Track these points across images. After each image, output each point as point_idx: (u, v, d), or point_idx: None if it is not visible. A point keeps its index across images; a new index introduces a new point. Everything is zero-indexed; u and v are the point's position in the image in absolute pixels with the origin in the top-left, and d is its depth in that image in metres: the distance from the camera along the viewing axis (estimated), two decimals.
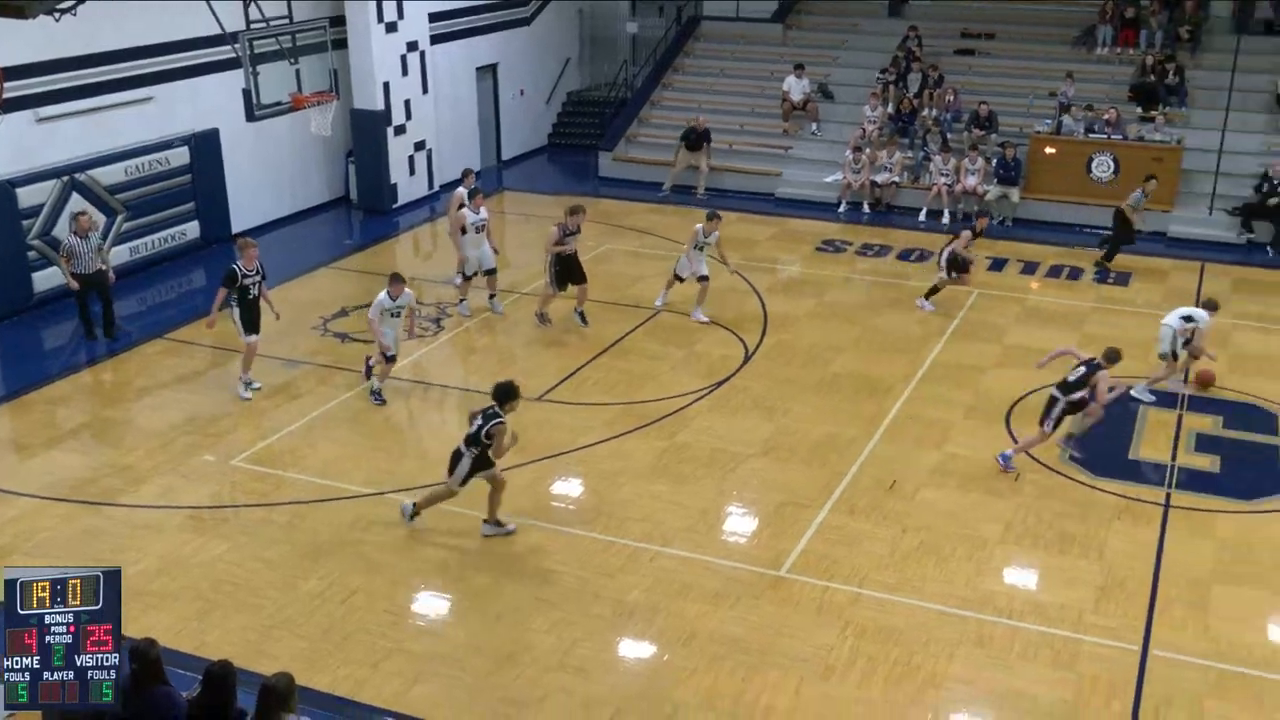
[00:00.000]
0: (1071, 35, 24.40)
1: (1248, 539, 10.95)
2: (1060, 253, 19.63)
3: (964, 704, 8.71)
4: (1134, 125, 21.57)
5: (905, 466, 12.23)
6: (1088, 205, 21.10)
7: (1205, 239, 20.16)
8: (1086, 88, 22.74)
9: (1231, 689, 8.85)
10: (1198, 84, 22.48)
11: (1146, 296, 17.55)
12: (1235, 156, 20.73)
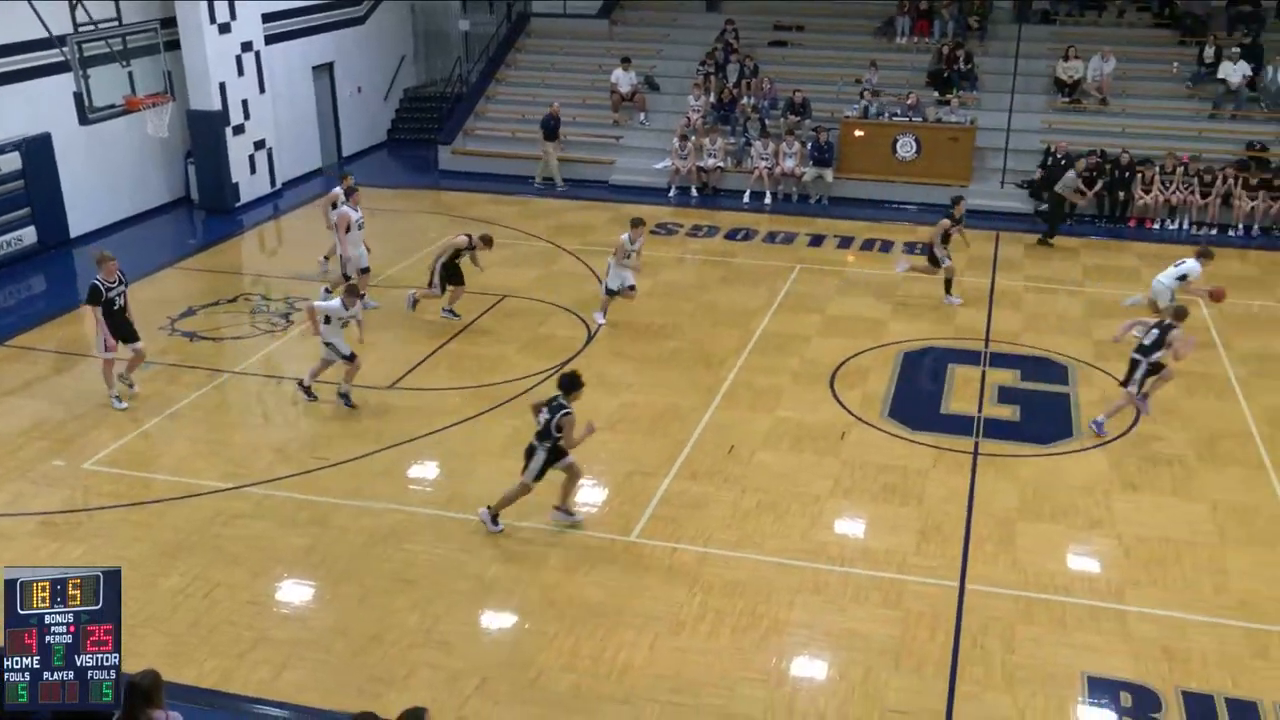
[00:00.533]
0: (873, 26, 25.11)
1: (1046, 479, 11.52)
2: (872, 227, 20.23)
3: (805, 647, 8.94)
4: (932, 108, 22.35)
5: (742, 432, 12.45)
6: (894, 183, 21.86)
7: (999, 210, 21.07)
8: (889, 75, 23.45)
9: (1038, 614, 9.33)
10: (986, 69, 23.43)
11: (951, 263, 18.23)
12: (1021, 134, 21.75)
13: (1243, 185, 20.01)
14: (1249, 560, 10.08)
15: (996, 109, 22.12)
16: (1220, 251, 18.96)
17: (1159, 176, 20.30)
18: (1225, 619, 9.26)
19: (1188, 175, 20.17)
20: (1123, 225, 20.38)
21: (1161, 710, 8.22)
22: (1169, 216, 20.34)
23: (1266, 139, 21.00)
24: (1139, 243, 19.58)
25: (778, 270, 17.62)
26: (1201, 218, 20.15)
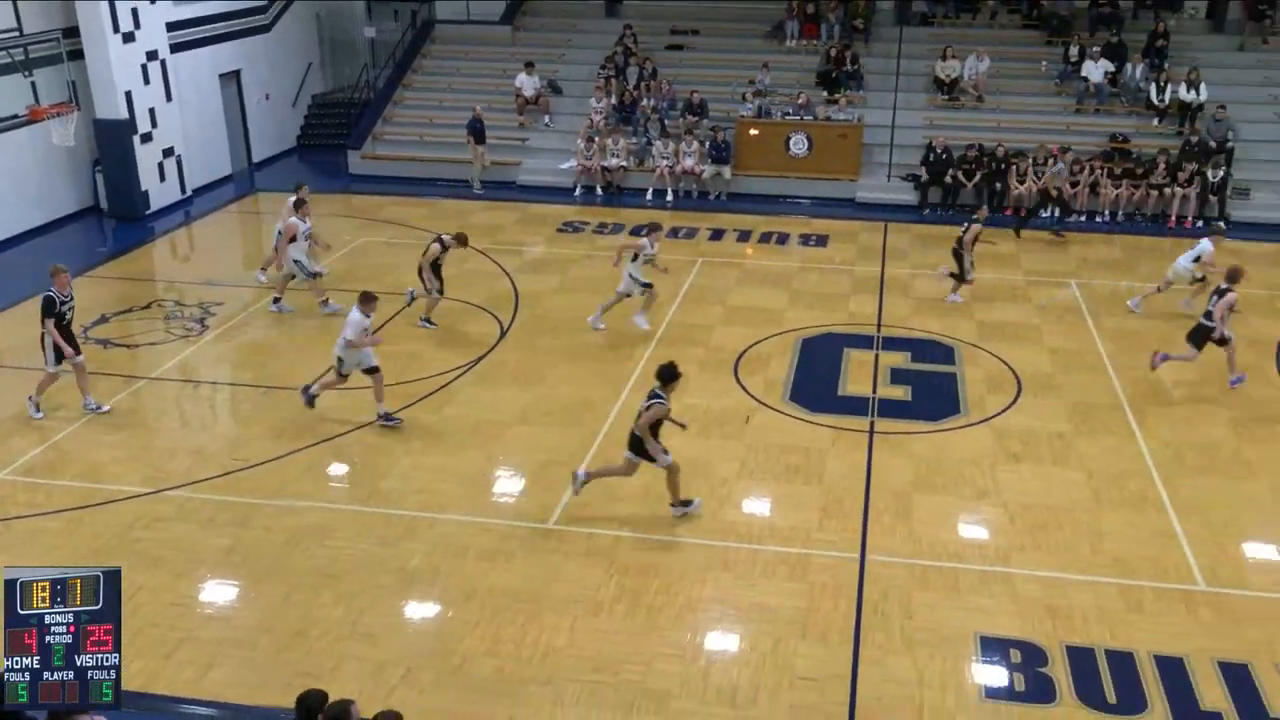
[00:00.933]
0: (764, 30, 25.34)
1: (937, 454, 11.78)
2: (769, 221, 20.46)
3: (717, 621, 9.03)
4: (821, 107, 22.65)
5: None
6: (788, 178, 22.11)
7: (886, 202, 21.47)
8: (781, 75, 23.70)
9: (933, 580, 9.55)
10: (871, 70, 23.81)
11: (842, 255, 18.55)
12: (905, 130, 22.16)
13: (1107, 175, 20.71)
14: (1121, 522, 10.45)
15: (881, 107, 22.52)
16: (1088, 236, 19.71)
17: (1032, 168, 20.88)
18: (1102, 577, 9.59)
19: (1057, 166, 20.77)
20: (1000, 214, 20.91)
21: (1048, 664, 8.49)
22: (1042, 205, 20.93)
23: (1128, 131, 21.74)
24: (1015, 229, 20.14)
25: (681, 264, 17.71)
26: (1071, 206, 20.77)
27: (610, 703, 8.06)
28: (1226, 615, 9.10)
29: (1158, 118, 21.98)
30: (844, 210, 21.25)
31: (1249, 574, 9.72)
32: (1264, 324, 15.37)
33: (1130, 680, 8.32)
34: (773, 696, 8.15)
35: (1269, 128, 21.66)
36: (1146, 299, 15.77)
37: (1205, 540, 10.14)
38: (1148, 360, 13.57)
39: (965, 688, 8.26)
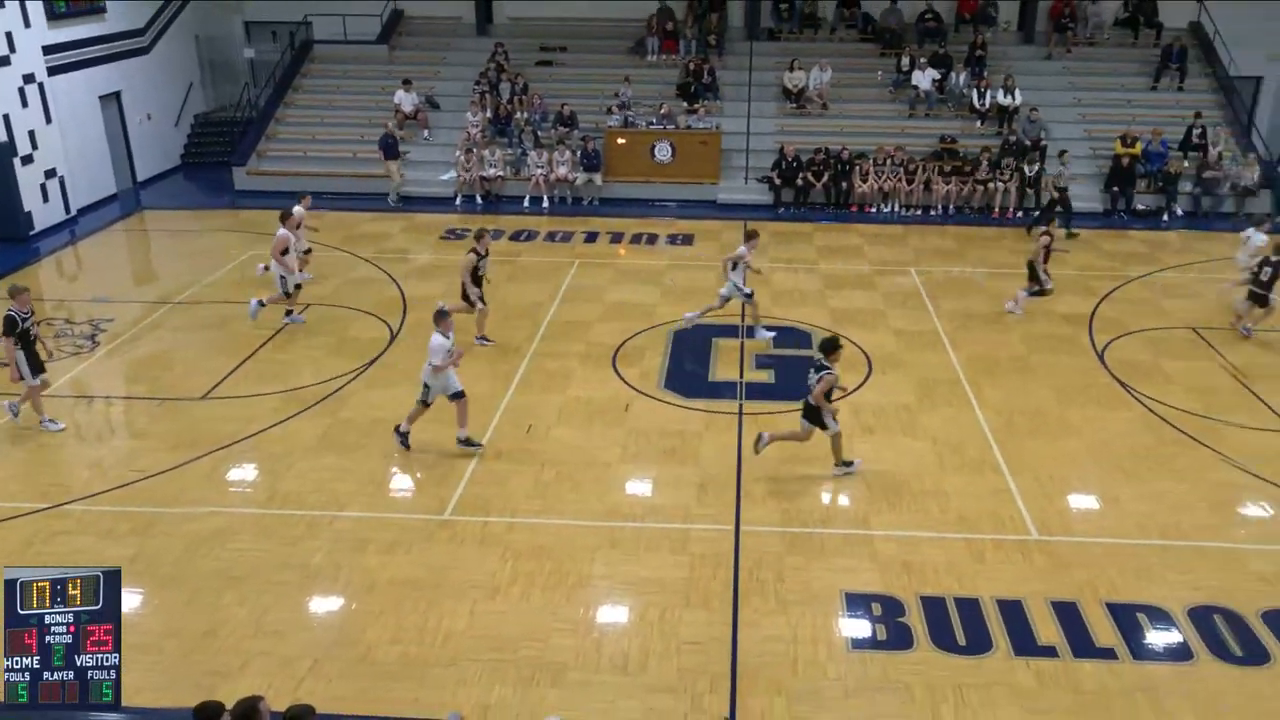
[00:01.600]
0: (627, 46, 25.41)
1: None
2: (639, 223, 20.56)
3: (607, 596, 9.05)
4: (683, 116, 22.84)
5: (538, 412, 12.43)
6: (655, 183, 22.25)
7: (745, 203, 21.81)
8: (644, 88, 23.81)
9: (801, 546, 9.76)
10: (726, 81, 24.13)
11: (708, 253, 18.75)
12: (759, 137, 22.54)
13: (939, 172, 21.46)
14: (963, 483, 10.86)
15: (737, 115, 22.85)
16: (922, 229, 20.37)
17: (873, 168, 21.50)
18: (949, 533, 9.96)
19: (895, 166, 21.45)
20: (845, 210, 21.46)
21: (906, 614, 8.77)
22: (883, 201, 21.58)
23: (955, 133, 22.54)
24: (860, 224, 20.69)
25: (559, 266, 17.66)
26: (909, 201, 21.47)
27: (511, 679, 8.01)
28: (1056, 560, 9.54)
29: (980, 120, 22.87)
30: (707, 211, 21.52)
31: (1073, 522, 10.22)
32: (1078, 301, 16.15)
33: (977, 624, 8.66)
34: (661, 661, 8.22)
35: (1074, 127, 22.77)
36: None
37: (1035, 495, 10.63)
38: (992, 338, 14.13)
39: (834, 641, 8.47)
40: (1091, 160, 22.09)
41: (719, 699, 7.83)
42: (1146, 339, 14.65)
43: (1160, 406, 12.56)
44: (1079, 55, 24.43)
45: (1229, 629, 8.58)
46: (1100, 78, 23.88)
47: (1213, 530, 10.05)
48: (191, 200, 22.73)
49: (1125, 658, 8.28)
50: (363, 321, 15.21)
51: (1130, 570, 9.37)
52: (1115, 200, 21.19)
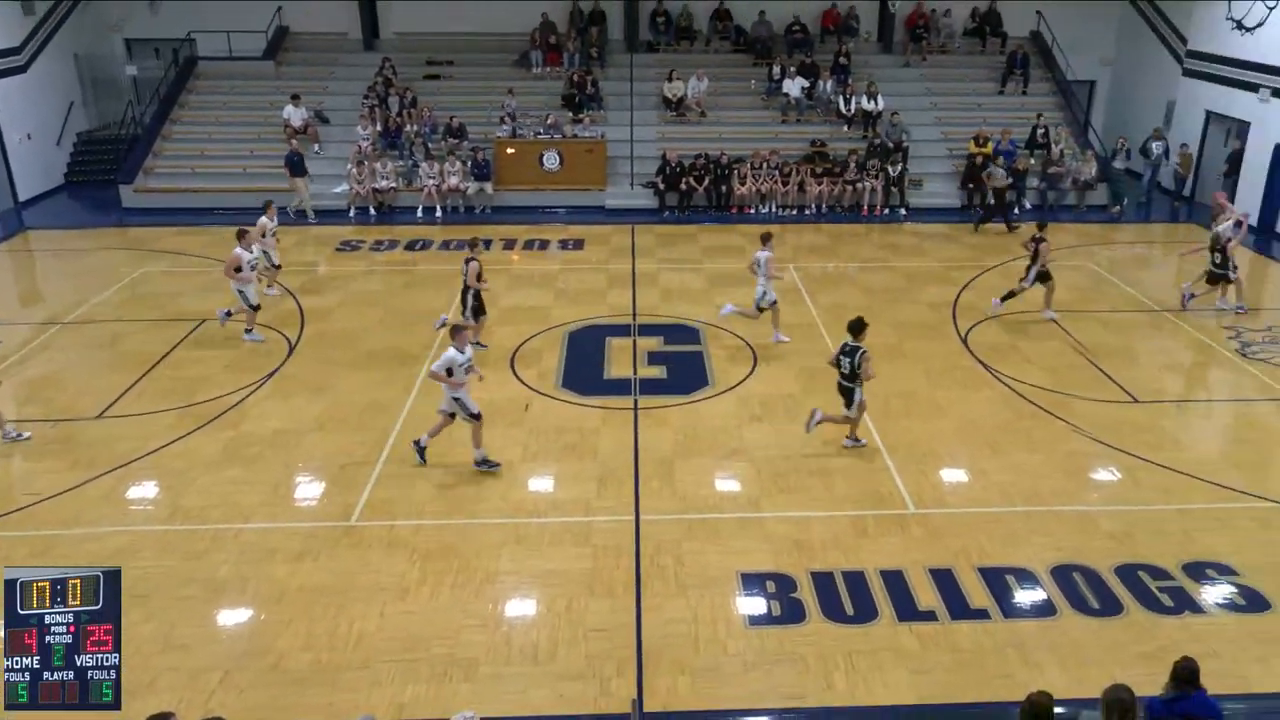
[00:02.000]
0: (512, 59, 25.23)
1: (692, 423, 12.15)
2: (530, 230, 20.44)
3: (514, 590, 8.97)
4: (569, 126, 22.81)
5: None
6: (545, 190, 22.16)
7: (631, 207, 21.90)
8: (530, 99, 23.68)
9: (697, 532, 9.86)
10: (609, 92, 24.19)
11: (598, 256, 18.79)
12: (642, 144, 22.68)
13: (811, 174, 21.93)
14: (845, 464, 11.13)
15: (620, 124, 22.94)
16: (799, 227, 20.80)
17: (750, 171, 21.85)
18: (834, 511, 10.19)
19: (771, 169, 21.84)
20: (727, 212, 21.76)
21: (798, 589, 8.94)
22: (761, 202, 21.95)
23: (824, 137, 23.07)
24: (741, 225, 21.01)
25: (455, 273, 17.35)
26: (785, 201, 21.88)
27: (424, 676, 7.88)
28: (931, 531, 9.87)
29: (846, 124, 23.46)
30: (595, 216, 21.54)
31: (946, 495, 10.59)
32: (942, 290, 16.72)
33: (863, 594, 8.89)
34: (569, 650, 8.20)
35: (931, 129, 23.58)
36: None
37: (911, 471, 10.96)
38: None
39: (732, 619, 8.58)
40: (948, 160, 22.90)
41: (626, 682, 7.85)
42: (1004, 323, 15.26)
43: (1018, 384, 13.11)
44: (933, 63, 25.29)
45: (1086, 584, 9.02)
46: (953, 83, 24.78)
47: (1068, 495, 10.54)
48: (77, 219, 21.63)
49: (997, 617, 8.61)
50: (262, 334, 14.73)
51: (998, 536, 9.76)
52: (971, 197, 22.01)
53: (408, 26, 25.64)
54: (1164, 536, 9.74)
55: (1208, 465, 11.12)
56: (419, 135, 22.45)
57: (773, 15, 25.26)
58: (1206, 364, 13.97)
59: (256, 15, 24.92)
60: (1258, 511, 10.20)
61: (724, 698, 7.72)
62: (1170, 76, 23.64)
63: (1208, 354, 14.23)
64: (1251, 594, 8.90)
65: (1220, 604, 8.79)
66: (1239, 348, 14.30)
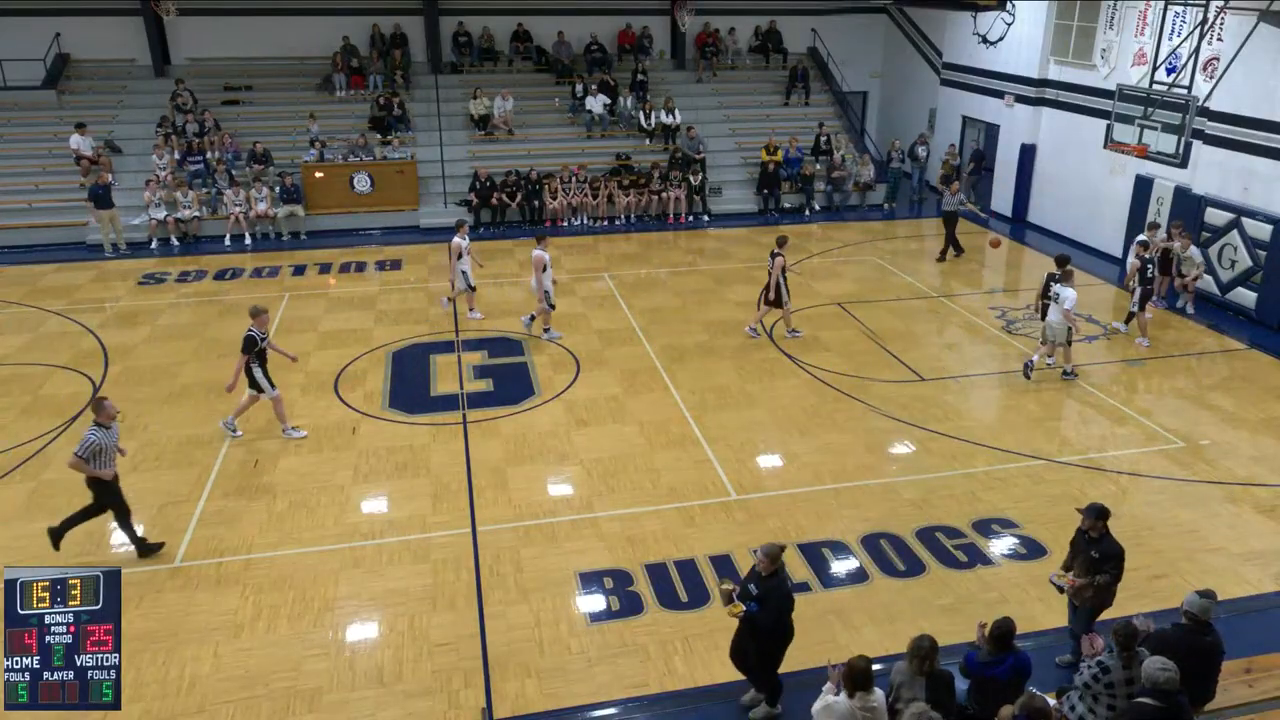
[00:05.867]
0: (314, 83, 24.30)
1: (522, 431, 12.08)
2: (346, 252, 19.75)
3: (355, 614, 8.64)
4: (378, 148, 22.20)
5: (263, 446, 11.64)
6: (358, 213, 21.47)
7: (447, 225, 21.41)
8: (336, 123, 22.89)
9: (535, 537, 9.80)
10: (417, 113, 23.70)
11: (417, 274, 18.36)
12: (453, 163, 22.35)
13: (618, 186, 22.24)
14: (670, 459, 11.35)
15: (430, 144, 22.52)
16: (610, 238, 21.04)
17: (560, 186, 21.93)
18: (663, 505, 10.37)
19: (580, 183, 22.00)
20: (540, 225, 21.73)
21: (634, 583, 9.04)
22: (572, 215, 22.07)
23: (628, 150, 23.47)
24: (555, 237, 20.96)
25: (269, 300, 16.60)
26: (595, 213, 22.09)
27: (265, 712, 7.45)
28: (753, 514, 10.21)
29: (648, 138, 23.94)
30: (411, 236, 21.05)
31: (763, 480, 10.97)
32: (746, 289, 17.32)
33: (695, 580, 9.09)
34: (415, 667, 7.97)
35: (727, 140, 24.41)
36: None
37: (731, 460, 11.30)
38: (678, 328, 14.81)
39: (574, 618, 8.57)
40: (743, 168, 23.77)
41: (474, 692, 7.71)
42: (802, 316, 15.97)
43: (820, 372, 13.75)
44: (723, 78, 26.19)
45: (893, 549, 9.56)
46: (742, 96, 25.75)
47: (872, 469, 11.14)
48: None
49: (818, 588, 9.00)
50: (59, 377, 13.55)
51: (813, 513, 10.20)
52: (766, 201, 22.93)
53: (200, 51, 24.22)
54: (955, 499, 10.46)
55: (986, 431, 12.04)
56: (221, 162, 21.26)
57: (571, 36, 25.47)
58: (978, 341, 15.11)
59: (30, 43, 22.91)
60: (1030, 469, 11.12)
61: (571, 695, 7.71)
62: (931, 86, 25.45)
63: (979, 333, 15.40)
64: (1030, 543, 9.69)
65: (1006, 554, 9.53)
66: (1005, 325, 15.54)
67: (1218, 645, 6.44)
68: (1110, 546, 7.41)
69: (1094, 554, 7.41)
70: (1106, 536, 7.43)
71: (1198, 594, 6.55)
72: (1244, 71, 15.04)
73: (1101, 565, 7.36)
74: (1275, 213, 15.30)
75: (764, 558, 6.94)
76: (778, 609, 6.95)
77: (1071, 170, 20.19)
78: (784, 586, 7.00)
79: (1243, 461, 11.33)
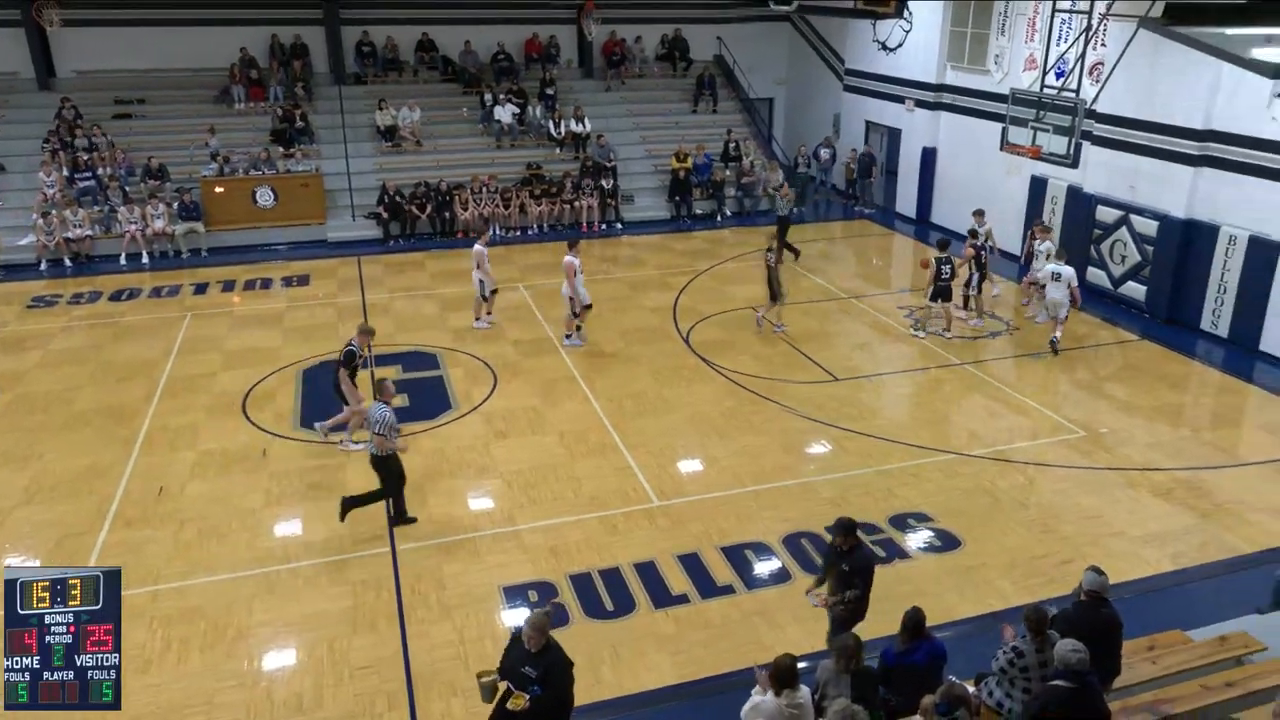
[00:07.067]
0: (212, 95, 23.57)
1: (441, 446, 11.91)
2: (250, 269, 19.20)
3: (271, 642, 8.38)
4: (281, 161, 21.66)
5: (168, 471, 11.21)
6: (261, 228, 20.90)
7: (355, 239, 21.13)
8: (236, 136, 22.24)
9: (457, 553, 9.66)
10: (321, 125, 23.18)
11: (325, 289, 17.96)
12: (360, 175, 21.93)
13: (530, 196, 22.15)
14: (591, 467, 11.33)
15: (335, 156, 22.06)
16: (523, 248, 20.94)
17: (471, 196, 21.72)
18: (586, 514, 10.34)
19: (491, 193, 21.84)
20: (452, 237, 21.51)
21: (558, 594, 8.99)
22: (484, 226, 21.85)
23: (539, 159, 23.37)
24: (467, 249, 20.66)
25: (170, 321, 16.04)
26: (508, 223, 21.94)
27: None
28: (675, 519, 10.26)
29: (559, 147, 23.90)
30: (319, 250, 20.57)
31: (684, 485, 11.04)
32: (661, 295, 17.43)
33: (620, 588, 9.08)
34: (336, 692, 7.77)
35: (637, 148, 24.53)
36: None
37: (651, 466, 11.34)
38: (595, 336, 14.79)
39: (499, 634, 8.46)
40: (654, 175, 23.93)
41: (399, 714, 7.55)
42: (718, 321, 16.14)
43: (736, 375, 13.91)
44: (632, 86, 26.32)
45: (813, 548, 9.72)
46: (651, 104, 25.92)
47: (789, 470, 11.31)
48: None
49: (741, 590, 9.08)
50: None
51: (734, 516, 10.30)
52: (678, 208, 23.11)
53: (88, 64, 23.25)
54: (871, 495, 10.69)
55: (899, 428, 12.34)
56: (114, 178, 20.45)
57: (478, 45, 25.27)
58: (888, 341, 15.49)
59: None
60: (941, 463, 11.44)
61: None
62: (834, 92, 26.03)
63: (888, 332, 15.79)
64: (945, 535, 9.96)
65: (922, 548, 9.77)
66: (912, 324, 15.97)
67: (1115, 617, 6.72)
68: (860, 560, 7.38)
69: (845, 567, 7.37)
70: (857, 549, 7.40)
71: (1093, 571, 6.83)
72: (1127, 75, 15.78)
73: (851, 579, 7.33)
74: (1161, 209, 16.08)
75: (533, 631, 6.13)
76: (561, 682, 6.22)
77: (970, 172, 20.88)
78: (560, 655, 6.27)
79: (1139, 448, 11.86)
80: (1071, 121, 14.54)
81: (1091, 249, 17.18)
